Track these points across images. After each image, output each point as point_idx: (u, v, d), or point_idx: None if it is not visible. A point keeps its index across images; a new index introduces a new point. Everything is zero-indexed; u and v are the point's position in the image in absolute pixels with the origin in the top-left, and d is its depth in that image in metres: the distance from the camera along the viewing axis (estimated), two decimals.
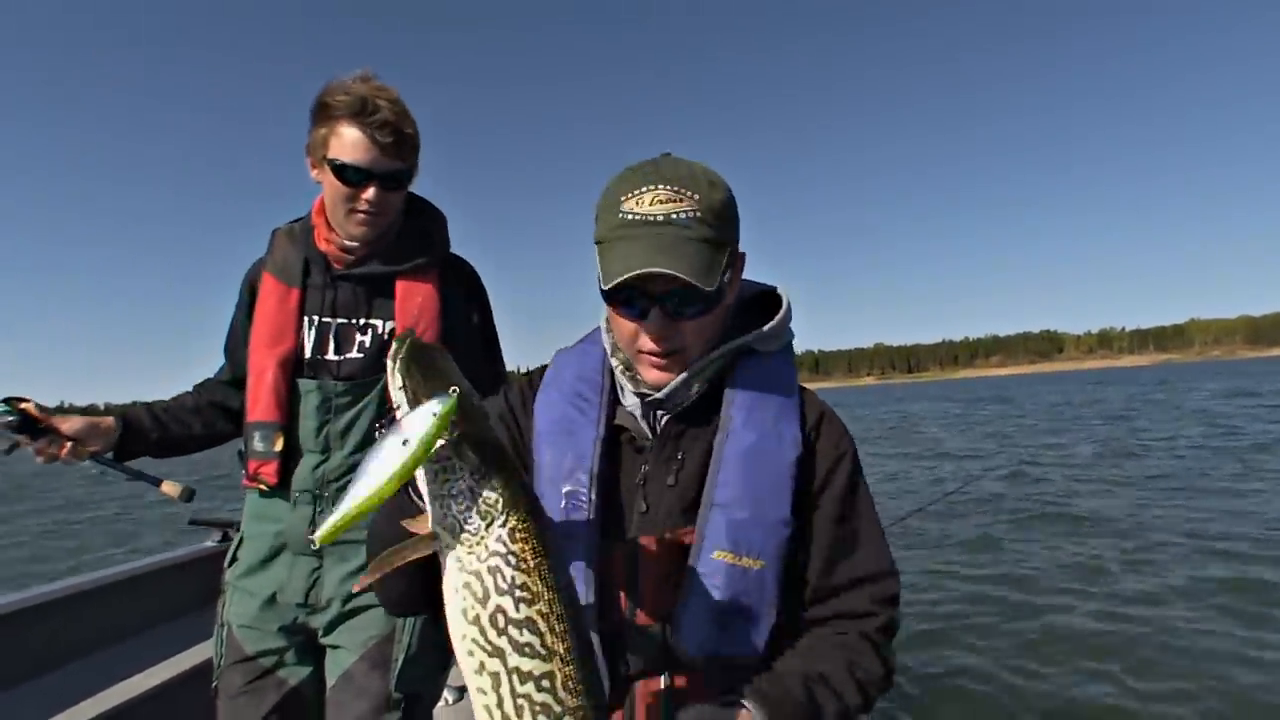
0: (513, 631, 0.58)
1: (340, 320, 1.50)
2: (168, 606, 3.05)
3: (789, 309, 0.99)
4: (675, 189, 0.85)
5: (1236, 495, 8.48)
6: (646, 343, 0.88)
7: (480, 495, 0.60)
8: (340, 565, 1.47)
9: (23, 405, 1.49)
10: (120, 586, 2.88)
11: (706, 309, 0.88)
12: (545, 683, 0.57)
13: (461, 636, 0.60)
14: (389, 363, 0.67)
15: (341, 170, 1.40)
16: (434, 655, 1.49)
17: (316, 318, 1.50)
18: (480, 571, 0.59)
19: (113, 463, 1.59)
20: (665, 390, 0.91)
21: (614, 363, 0.96)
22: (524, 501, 0.62)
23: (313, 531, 0.58)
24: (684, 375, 0.91)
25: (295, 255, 1.53)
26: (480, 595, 0.59)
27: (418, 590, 0.82)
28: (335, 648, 1.49)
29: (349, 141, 1.39)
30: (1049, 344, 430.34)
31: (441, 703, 1.88)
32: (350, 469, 1.47)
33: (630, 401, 0.96)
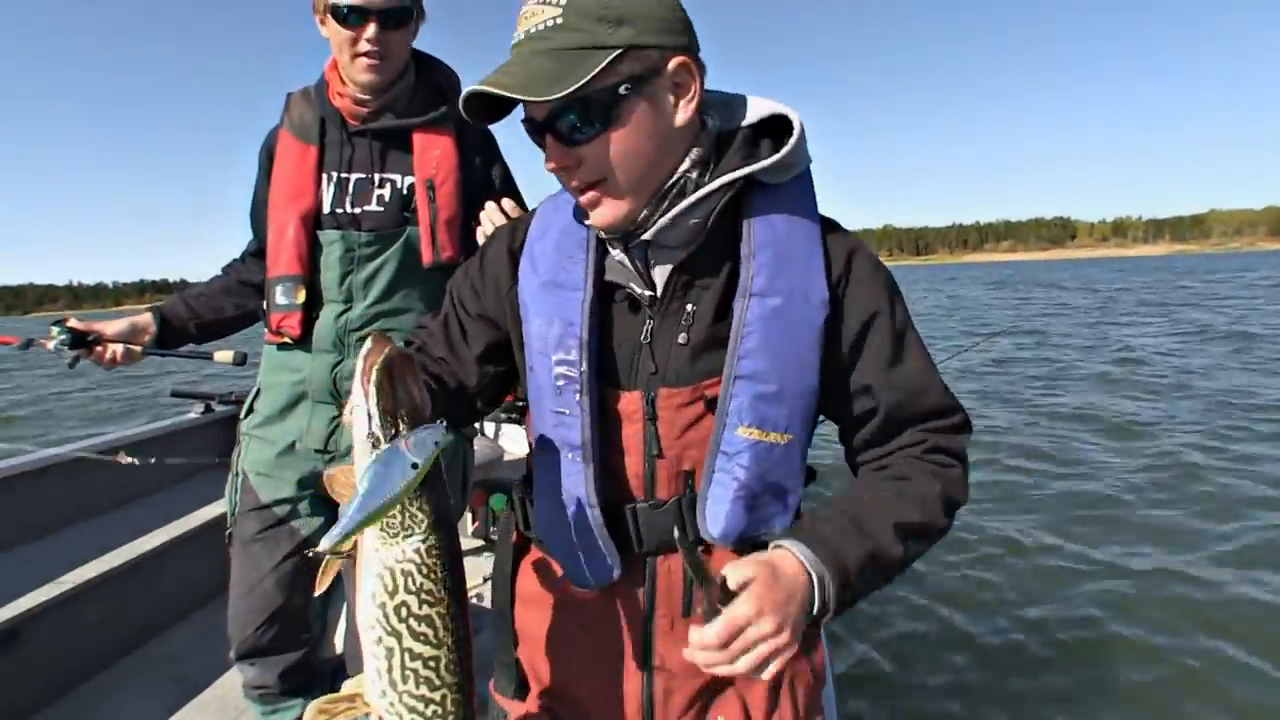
0: (412, 622, 0.69)
1: (358, 175, 1.53)
2: (154, 477, 3.13)
3: (802, 132, 0.84)
4: (539, 2, 0.76)
5: None
6: (562, 178, 0.82)
7: (409, 510, 0.69)
8: None
9: (68, 324, 1.61)
10: (106, 456, 2.93)
11: (601, 126, 0.76)
12: (431, 663, 0.70)
13: (366, 613, 0.69)
14: (360, 362, 0.69)
15: (341, 13, 1.42)
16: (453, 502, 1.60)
17: (335, 173, 1.53)
18: (394, 570, 0.68)
19: (164, 351, 1.71)
20: (651, 231, 0.82)
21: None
22: (443, 524, 0.70)
23: (314, 545, 0.65)
24: (668, 213, 0.81)
25: (311, 114, 1.56)
26: (390, 588, 0.68)
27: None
28: None
29: None
30: (1061, 230, 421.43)
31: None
32: (372, 319, 1.53)
33: (618, 252, 0.86)
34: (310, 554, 0.66)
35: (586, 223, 0.87)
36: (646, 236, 0.82)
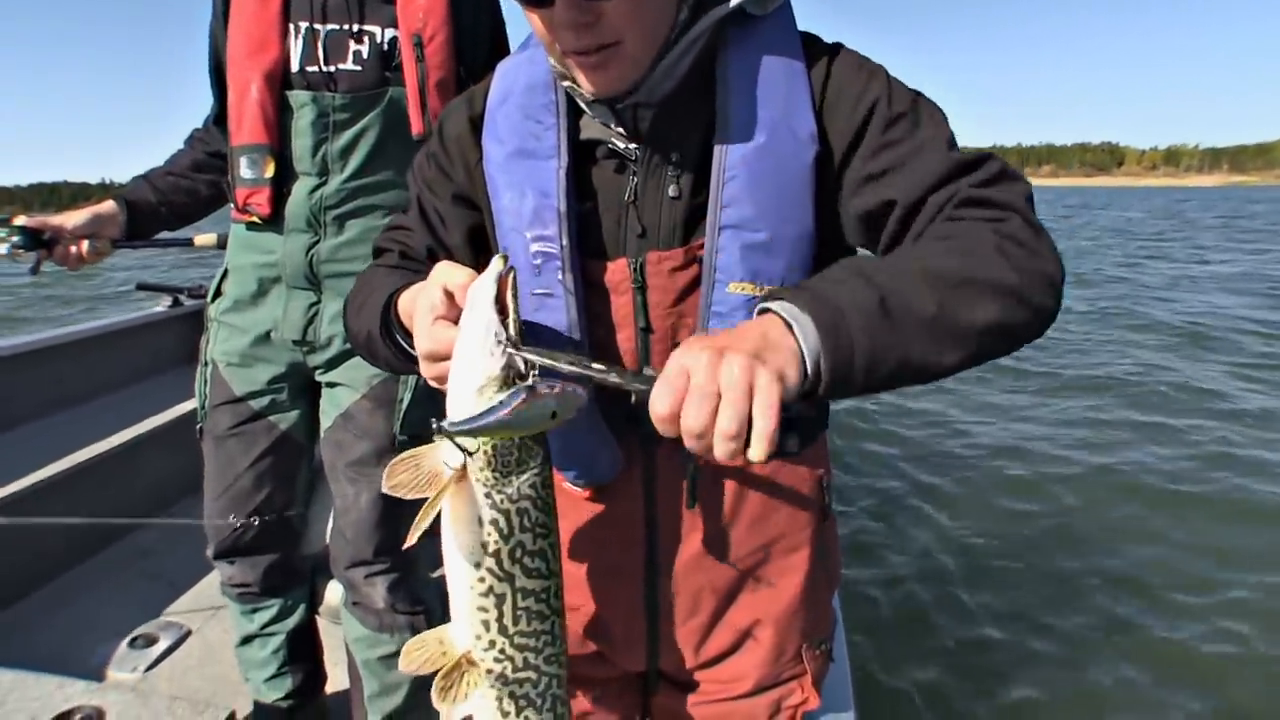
0: (526, 560, 0.65)
1: (331, 27, 1.32)
2: (121, 371, 3.08)
3: None
4: None
5: None
6: (566, 38, 0.70)
7: (528, 443, 0.64)
8: (340, 300, 1.37)
9: (15, 222, 1.44)
10: (69, 349, 2.85)
11: None
12: (542, 595, 0.67)
13: (475, 565, 0.64)
14: (489, 285, 0.62)
15: None
16: (440, 398, 1.48)
17: (304, 24, 1.33)
18: (510, 512, 0.64)
19: (137, 244, 1.57)
20: (645, 88, 0.74)
21: (554, 68, 0.78)
22: (549, 453, 0.67)
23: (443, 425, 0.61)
24: (646, 72, 0.73)
25: None
26: (505, 532, 0.64)
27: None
28: (334, 385, 1.46)
29: None
30: (1108, 157, 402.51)
31: None
32: (351, 195, 1.37)
33: (597, 109, 0.77)
34: (437, 428, 0.59)
35: (567, 84, 0.77)
36: (640, 96, 0.74)
